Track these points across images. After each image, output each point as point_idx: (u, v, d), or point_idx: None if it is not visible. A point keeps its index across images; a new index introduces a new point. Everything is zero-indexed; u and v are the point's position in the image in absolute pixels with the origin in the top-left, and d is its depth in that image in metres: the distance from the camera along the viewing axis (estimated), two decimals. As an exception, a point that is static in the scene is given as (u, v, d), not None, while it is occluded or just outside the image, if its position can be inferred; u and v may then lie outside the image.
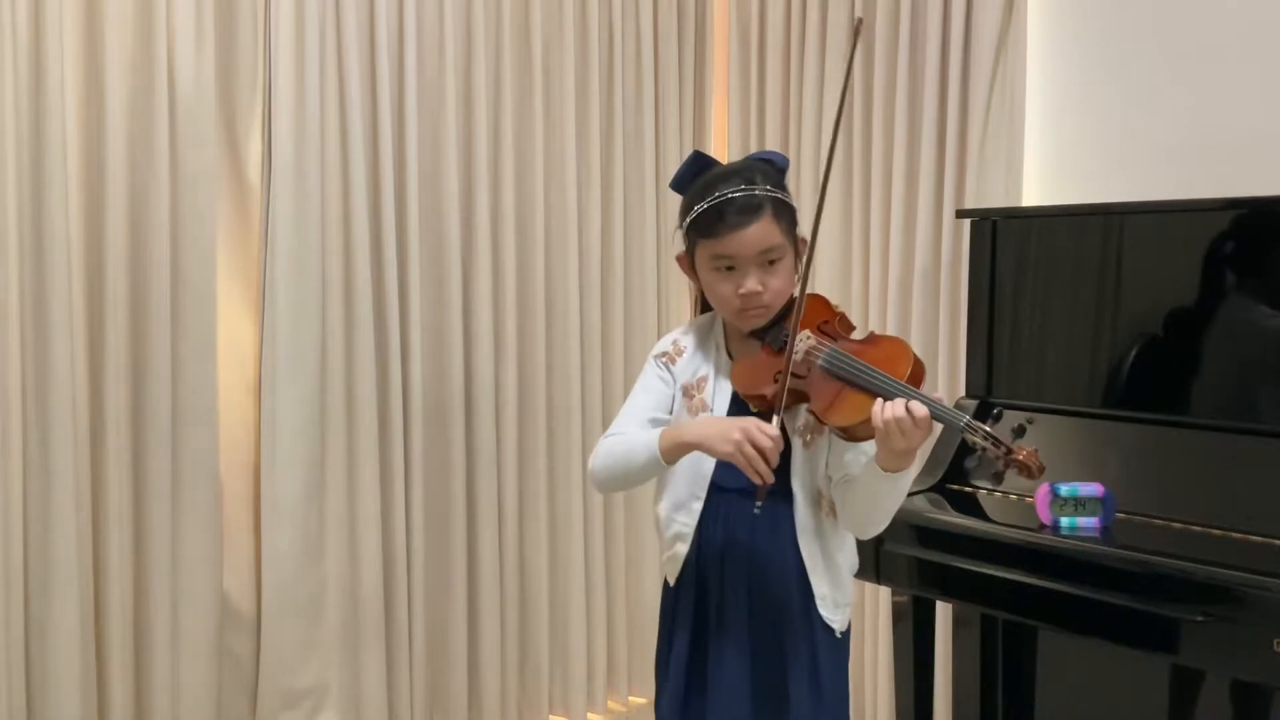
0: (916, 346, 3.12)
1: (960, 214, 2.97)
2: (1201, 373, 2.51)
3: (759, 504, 1.79)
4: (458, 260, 3.26)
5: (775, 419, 1.77)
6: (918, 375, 1.79)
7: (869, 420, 1.72)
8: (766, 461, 1.74)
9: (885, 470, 1.76)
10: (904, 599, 2.70)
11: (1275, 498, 2.25)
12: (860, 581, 2.85)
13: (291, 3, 2.98)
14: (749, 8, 3.60)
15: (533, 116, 3.38)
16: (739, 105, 3.65)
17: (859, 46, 1.96)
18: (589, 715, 3.56)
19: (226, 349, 3.00)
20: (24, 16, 2.61)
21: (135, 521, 2.85)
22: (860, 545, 2.61)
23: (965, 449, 2.62)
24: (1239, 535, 2.23)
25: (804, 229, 1.96)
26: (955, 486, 2.67)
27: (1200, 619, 2.09)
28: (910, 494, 2.64)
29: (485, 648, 3.36)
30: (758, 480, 1.75)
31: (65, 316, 2.67)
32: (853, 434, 1.82)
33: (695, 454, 1.89)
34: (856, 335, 1.93)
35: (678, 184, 1.99)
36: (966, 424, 1.71)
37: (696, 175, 1.97)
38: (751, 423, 1.76)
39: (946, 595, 2.64)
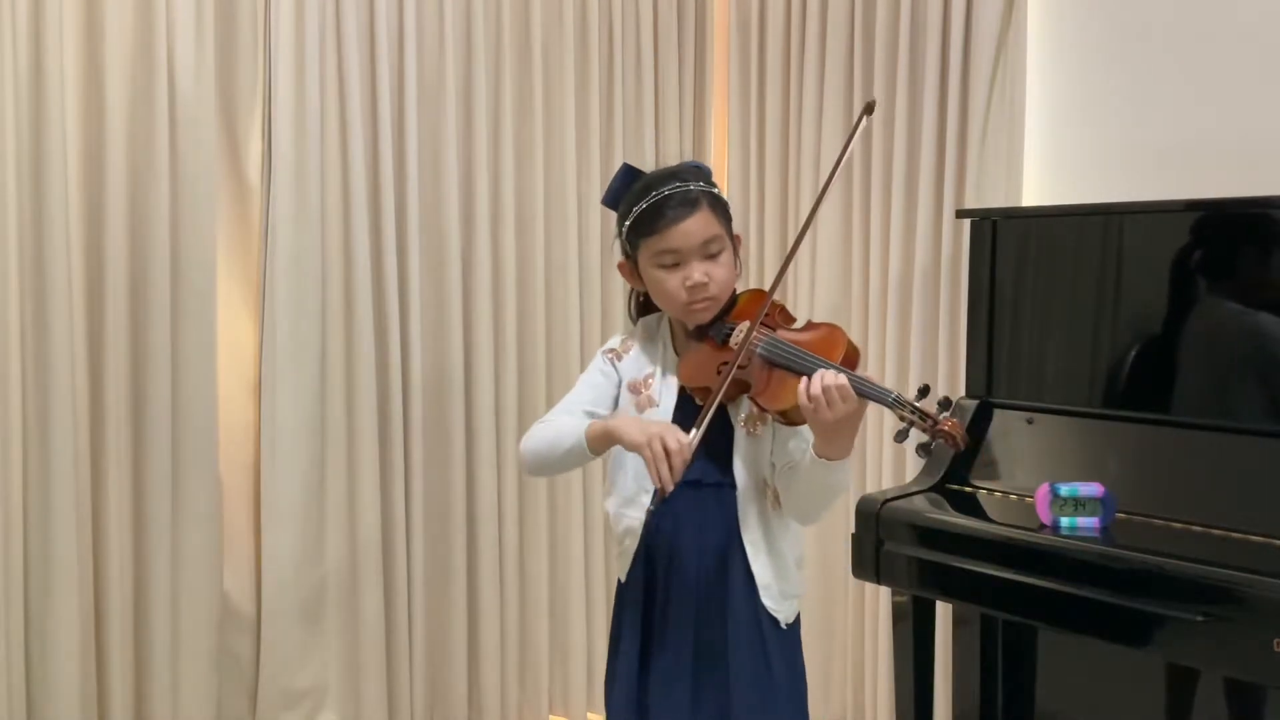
0: (916, 346, 3.14)
1: (960, 214, 2.97)
2: (1201, 373, 2.51)
3: (651, 508, 1.88)
4: (458, 260, 3.26)
5: (695, 433, 1.82)
6: (851, 358, 1.85)
7: None
8: (670, 466, 1.77)
9: (822, 458, 1.80)
10: (904, 599, 2.70)
11: (1275, 498, 2.25)
12: (860, 581, 2.85)
13: (291, 3, 2.98)
14: (749, 8, 3.60)
15: (533, 116, 3.38)
16: (739, 105, 3.65)
17: (864, 123, 2.04)
18: (589, 715, 3.56)
19: (226, 349, 3.00)
20: (24, 16, 2.61)
21: (135, 521, 2.85)
22: (860, 545, 2.63)
23: (971, 435, 2.62)
24: (1239, 535, 2.23)
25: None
26: (955, 486, 2.67)
27: (1200, 619, 2.09)
28: (910, 494, 2.64)
29: (485, 648, 3.36)
30: (656, 482, 1.79)
31: (65, 316, 2.67)
32: (789, 418, 1.87)
33: None
34: (796, 325, 1.99)
35: (611, 197, 2.04)
36: (895, 399, 1.76)
37: (629, 186, 2.01)
38: (669, 426, 1.82)
39: (946, 595, 2.64)
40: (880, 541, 2.59)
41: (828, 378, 1.75)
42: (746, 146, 3.61)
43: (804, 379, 1.77)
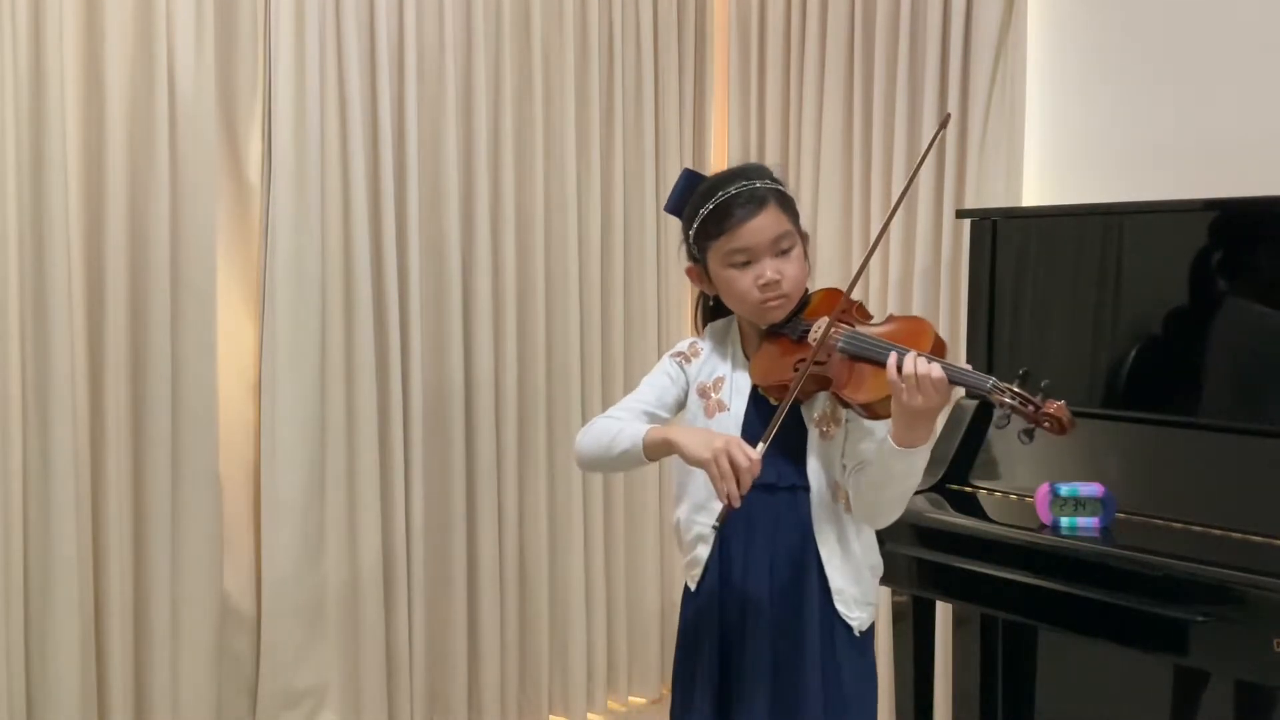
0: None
1: (960, 214, 2.97)
2: (1201, 372, 2.51)
3: (716, 524, 1.81)
4: (458, 260, 3.26)
5: (762, 446, 1.77)
6: (939, 349, 1.79)
7: (890, 396, 1.72)
8: (738, 481, 1.74)
9: (900, 446, 1.75)
10: (904, 599, 2.70)
11: (1275, 498, 2.25)
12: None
13: (291, 3, 2.98)
14: (749, 8, 3.60)
15: (533, 116, 3.37)
16: (739, 105, 3.65)
17: (941, 134, 2.00)
18: (589, 715, 3.56)
19: (226, 349, 3.00)
20: (24, 16, 2.61)
21: (135, 521, 2.85)
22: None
23: (972, 435, 2.63)
24: (1239, 535, 2.23)
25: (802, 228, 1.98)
26: (955, 486, 2.67)
27: (1201, 619, 2.09)
28: (910, 494, 2.64)
29: (485, 648, 3.35)
30: (723, 499, 1.75)
31: (65, 316, 2.67)
32: (874, 410, 1.81)
33: None
34: (876, 321, 1.94)
35: (675, 203, 2.00)
36: (994, 385, 1.70)
37: (691, 190, 1.98)
38: (735, 440, 1.77)
39: (946, 595, 2.64)
40: (880, 541, 2.58)
41: (920, 362, 1.70)
42: (746, 146, 3.61)
43: (906, 358, 1.71)
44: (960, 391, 1.79)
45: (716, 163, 3.68)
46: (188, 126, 2.85)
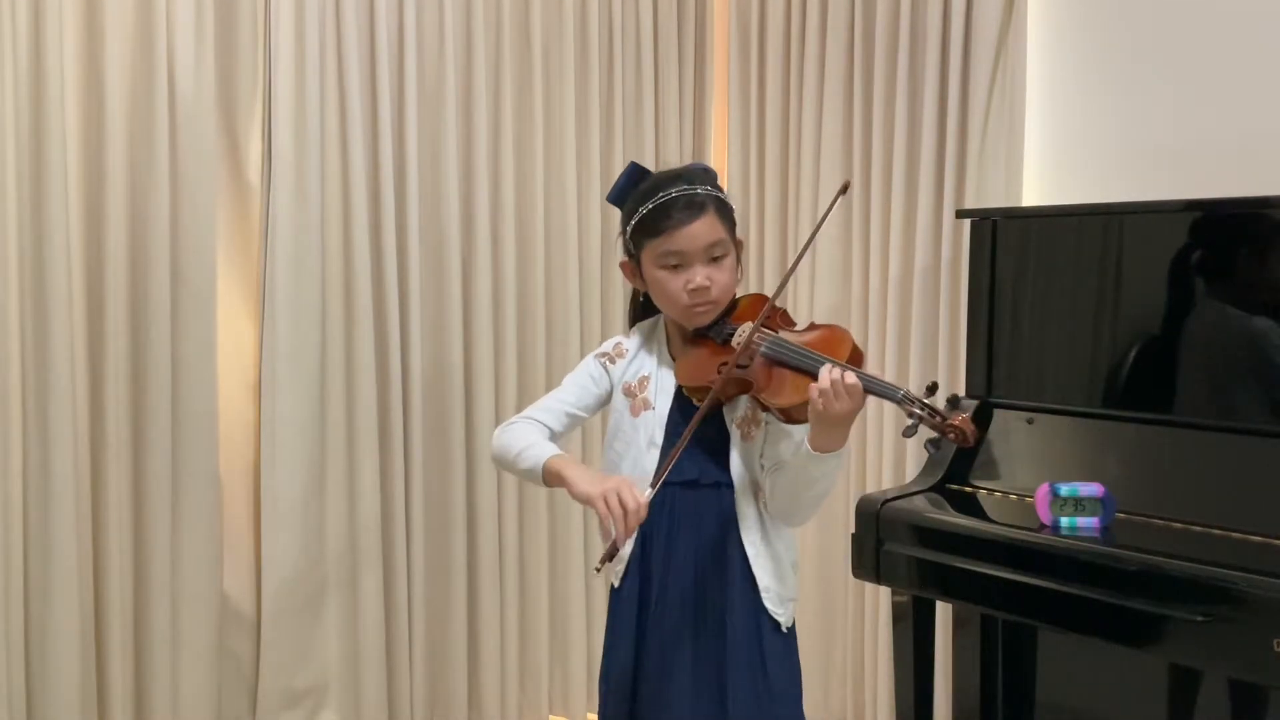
0: (916, 346, 3.14)
1: (960, 214, 2.97)
2: (1201, 373, 2.51)
3: (598, 566, 1.84)
4: (458, 260, 3.26)
5: (649, 491, 1.81)
6: (856, 358, 1.85)
7: (807, 401, 1.77)
8: (625, 522, 1.76)
9: (816, 450, 1.79)
10: (904, 599, 2.70)
11: (1275, 498, 2.25)
12: (860, 581, 2.86)
13: (291, 3, 2.98)
14: (749, 8, 3.60)
15: (533, 116, 3.37)
16: (739, 105, 3.65)
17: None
18: (589, 715, 3.56)
19: (226, 349, 3.00)
20: (24, 16, 2.61)
21: (135, 521, 2.85)
22: (860, 546, 2.63)
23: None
24: (1239, 535, 2.23)
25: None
26: (955, 486, 2.67)
27: (1200, 619, 2.09)
28: (910, 494, 2.64)
29: (485, 648, 3.35)
30: (605, 536, 1.79)
31: (65, 317, 2.67)
32: (791, 415, 1.87)
33: (636, 451, 1.96)
34: (798, 327, 2.00)
35: (617, 195, 2.04)
36: (903, 395, 1.76)
37: (635, 185, 2.01)
38: (626, 482, 1.80)
39: (946, 595, 2.64)
40: (880, 541, 2.59)
41: (838, 373, 1.75)
42: (746, 146, 3.61)
43: (822, 370, 1.76)
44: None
45: (716, 163, 3.68)
46: (188, 126, 2.85)
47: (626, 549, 1.97)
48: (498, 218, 3.34)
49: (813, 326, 1.98)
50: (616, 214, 3.70)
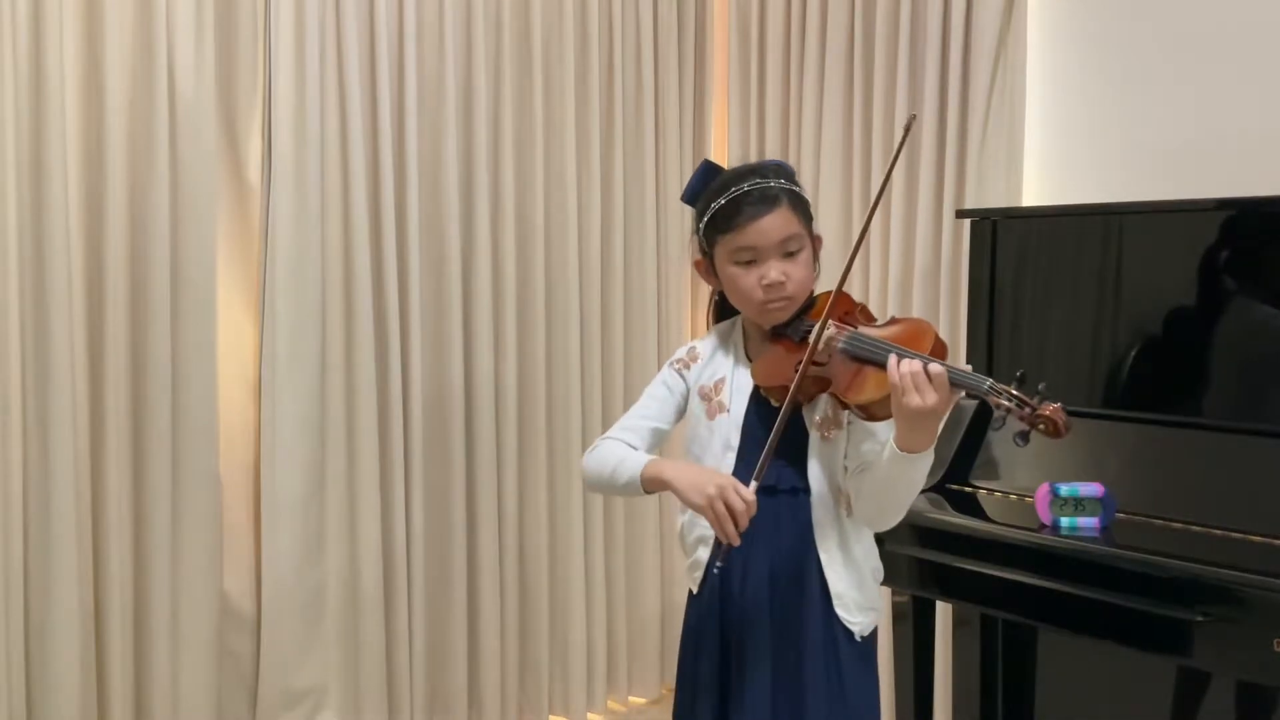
0: (916, 346, 3.14)
1: (960, 214, 2.97)
2: (1201, 372, 2.51)
3: (719, 564, 1.80)
4: (458, 260, 3.26)
5: (753, 484, 1.76)
6: (939, 351, 1.78)
7: (889, 397, 1.71)
8: (736, 523, 1.73)
9: (903, 450, 1.74)
10: (904, 599, 2.70)
11: (1275, 498, 2.25)
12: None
13: (291, 3, 2.98)
14: (749, 8, 3.60)
15: (533, 116, 3.38)
16: (739, 105, 3.65)
17: (906, 139, 1.98)
18: (589, 715, 3.56)
19: (226, 349, 3.00)
20: (24, 16, 2.61)
21: (135, 521, 2.85)
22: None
23: (972, 435, 2.64)
24: (1239, 535, 2.23)
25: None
26: (955, 486, 2.67)
27: (1200, 619, 2.08)
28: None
29: (485, 648, 3.35)
30: (723, 538, 1.74)
31: (65, 316, 2.67)
32: (872, 412, 1.81)
33: (712, 456, 1.91)
34: (879, 322, 1.93)
35: (690, 194, 1.99)
36: (990, 387, 1.69)
37: (708, 182, 1.97)
38: (730, 481, 1.75)
39: (946, 595, 2.64)
40: (880, 541, 2.58)
41: (918, 364, 1.69)
42: (746, 146, 3.61)
43: (902, 361, 1.70)
44: (961, 394, 1.78)
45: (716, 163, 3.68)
46: (188, 126, 2.85)
47: (703, 552, 1.93)
48: (497, 217, 3.34)
49: (894, 321, 1.91)
50: (617, 212, 3.74)
